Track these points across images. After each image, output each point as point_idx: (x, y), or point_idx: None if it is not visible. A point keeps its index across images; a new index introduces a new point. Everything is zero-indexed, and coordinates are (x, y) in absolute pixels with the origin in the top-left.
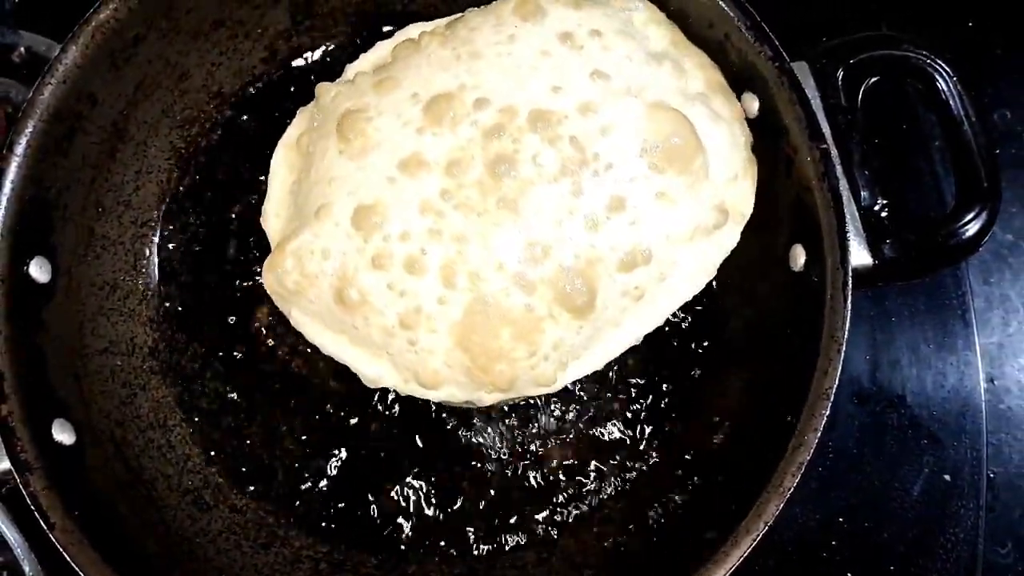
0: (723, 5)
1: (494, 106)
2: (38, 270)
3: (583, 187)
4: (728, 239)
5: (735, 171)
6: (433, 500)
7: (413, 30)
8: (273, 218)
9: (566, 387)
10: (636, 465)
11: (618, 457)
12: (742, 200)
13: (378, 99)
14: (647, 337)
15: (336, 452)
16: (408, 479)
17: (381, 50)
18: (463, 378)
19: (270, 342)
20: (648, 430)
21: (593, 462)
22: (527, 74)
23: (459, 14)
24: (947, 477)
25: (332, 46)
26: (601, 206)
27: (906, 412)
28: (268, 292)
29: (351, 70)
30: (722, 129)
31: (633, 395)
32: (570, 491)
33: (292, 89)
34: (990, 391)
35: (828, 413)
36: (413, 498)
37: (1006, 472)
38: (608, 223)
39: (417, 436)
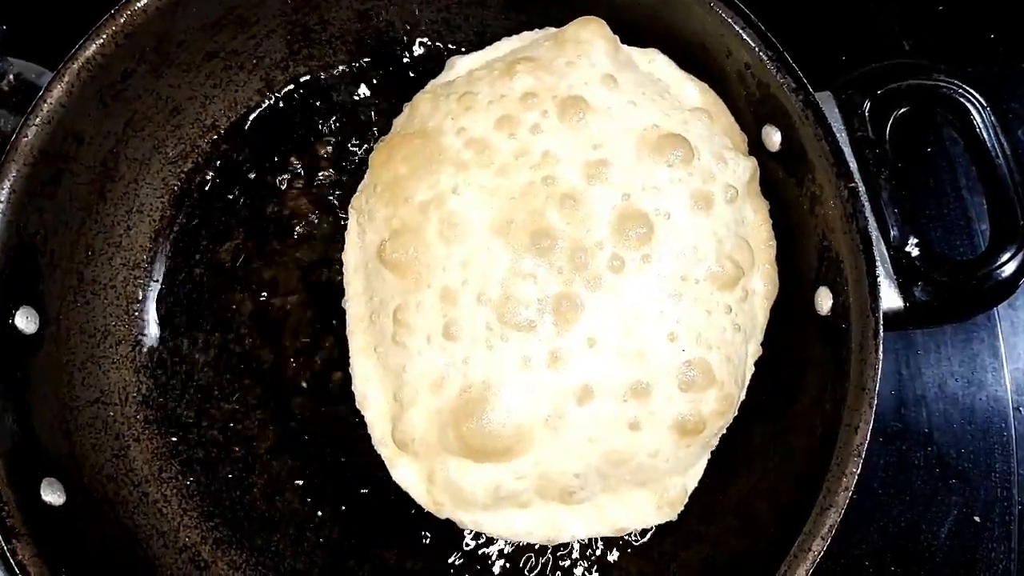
0: (742, 32)
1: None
2: (24, 321)
3: None
4: None
5: None
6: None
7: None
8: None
9: None
10: None
11: None
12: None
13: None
14: None
15: (342, 507)
16: (412, 542)
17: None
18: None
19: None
20: None
21: None
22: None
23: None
24: (977, 519)
25: (330, 74)
26: None
27: (933, 450)
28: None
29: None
30: None
31: None
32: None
33: (288, 120)
34: (1018, 419)
35: (859, 471)
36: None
37: None
38: None
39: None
